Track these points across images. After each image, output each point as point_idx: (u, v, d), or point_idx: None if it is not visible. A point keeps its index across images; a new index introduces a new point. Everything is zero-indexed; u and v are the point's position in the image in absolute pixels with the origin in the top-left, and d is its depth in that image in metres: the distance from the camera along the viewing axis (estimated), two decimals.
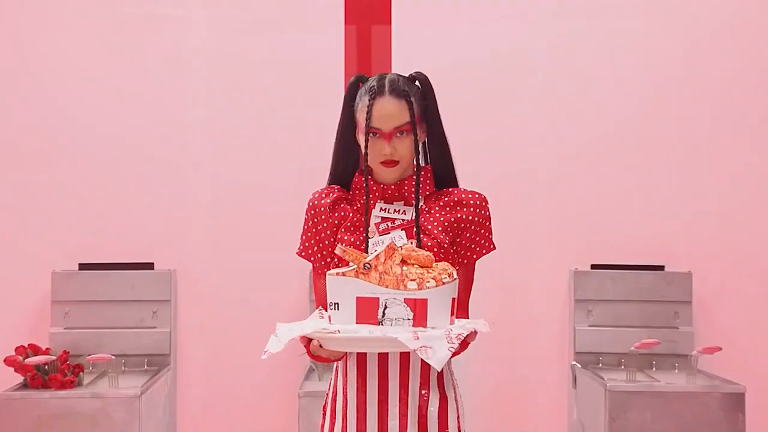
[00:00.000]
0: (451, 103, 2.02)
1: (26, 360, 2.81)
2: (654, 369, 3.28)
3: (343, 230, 2.05)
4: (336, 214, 2.07)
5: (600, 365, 3.32)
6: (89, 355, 3.05)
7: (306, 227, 2.09)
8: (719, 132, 3.27)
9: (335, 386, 2.07)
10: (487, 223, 2.06)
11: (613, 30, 3.45)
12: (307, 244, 2.08)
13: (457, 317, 1.83)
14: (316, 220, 2.07)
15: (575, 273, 3.37)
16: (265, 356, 1.75)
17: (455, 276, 1.81)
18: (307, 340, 1.86)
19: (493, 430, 3.27)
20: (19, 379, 2.84)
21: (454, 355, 1.75)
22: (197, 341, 3.33)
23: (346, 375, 2.03)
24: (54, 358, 2.88)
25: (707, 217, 3.32)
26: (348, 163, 2.10)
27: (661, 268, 3.37)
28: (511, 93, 3.42)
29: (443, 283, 1.77)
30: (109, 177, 3.36)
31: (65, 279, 3.20)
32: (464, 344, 1.86)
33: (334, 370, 2.09)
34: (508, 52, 3.45)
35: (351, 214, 2.07)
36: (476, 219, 2.04)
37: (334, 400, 2.06)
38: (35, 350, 2.91)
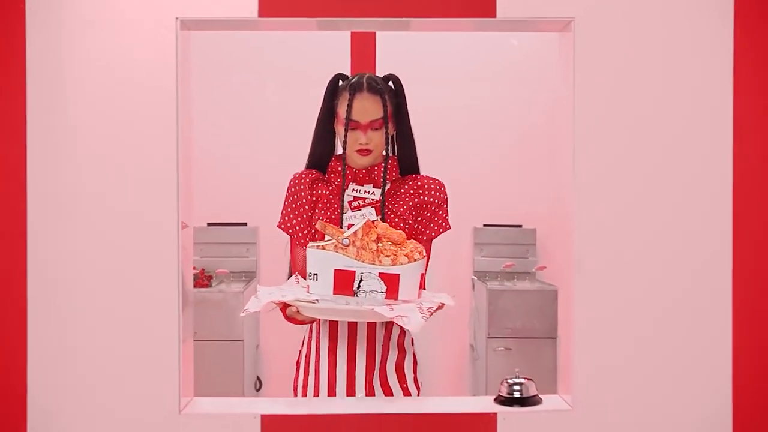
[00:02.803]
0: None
1: None
2: (515, 279, 3.64)
3: (320, 206, 1.76)
4: (314, 192, 1.77)
5: (486, 278, 3.66)
6: (215, 270, 3.47)
7: (286, 203, 1.80)
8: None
9: (309, 344, 1.78)
10: (445, 206, 1.78)
11: (510, 87, 3.73)
12: (287, 218, 1.79)
13: None
14: (296, 197, 1.78)
15: (475, 229, 3.74)
16: (243, 314, 1.54)
17: (424, 254, 1.55)
18: (284, 305, 1.57)
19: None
20: None
21: None
22: (271, 264, 3.54)
23: (319, 339, 1.75)
24: (197, 271, 3.33)
25: (546, 197, 3.41)
26: (324, 149, 1.80)
27: (519, 226, 3.74)
28: (443, 121, 3.66)
29: (414, 260, 1.52)
30: (224, 171, 3.64)
31: (200, 231, 3.53)
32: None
33: (308, 329, 1.80)
34: (442, 100, 3.68)
35: (327, 192, 1.77)
36: (436, 201, 1.77)
37: (308, 357, 1.76)
38: None
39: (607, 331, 1.50)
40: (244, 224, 3.72)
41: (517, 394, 1.54)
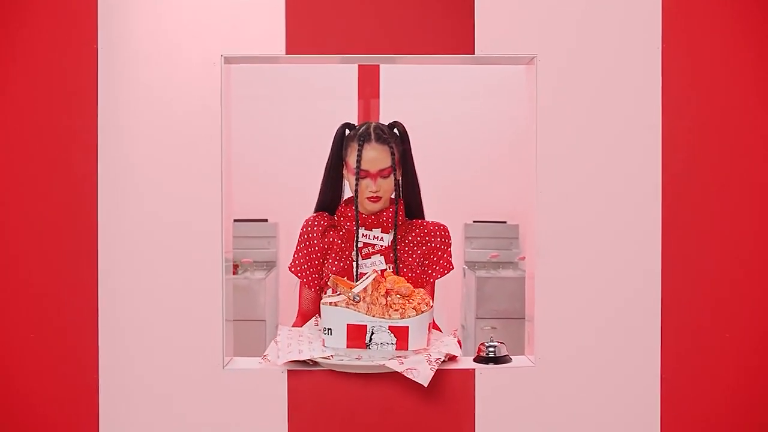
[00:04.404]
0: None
1: None
2: (500, 268, 3.75)
3: (332, 255, 1.74)
4: (326, 240, 1.75)
5: (475, 267, 3.75)
6: (241, 259, 3.57)
7: (299, 248, 1.79)
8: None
9: None
10: (449, 249, 1.79)
11: (499, 102, 3.77)
12: (298, 263, 1.79)
13: None
14: (308, 243, 1.77)
15: (465, 224, 3.85)
16: (261, 361, 1.58)
17: (432, 304, 1.54)
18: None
19: None
20: None
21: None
22: (288, 256, 3.34)
23: None
24: None
25: (526, 197, 3.72)
26: (333, 194, 1.79)
27: (504, 222, 3.85)
28: (441, 131, 3.78)
29: (422, 312, 1.49)
30: (249, 175, 3.49)
31: None
32: (454, 358, 1.58)
33: None
34: (440, 113, 3.85)
35: (339, 241, 1.74)
36: (441, 246, 1.79)
37: None
38: None
39: (561, 306, 1.70)
40: (265, 220, 3.85)
41: (491, 354, 1.71)
